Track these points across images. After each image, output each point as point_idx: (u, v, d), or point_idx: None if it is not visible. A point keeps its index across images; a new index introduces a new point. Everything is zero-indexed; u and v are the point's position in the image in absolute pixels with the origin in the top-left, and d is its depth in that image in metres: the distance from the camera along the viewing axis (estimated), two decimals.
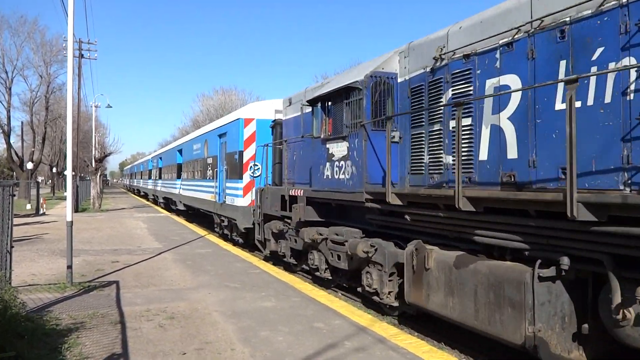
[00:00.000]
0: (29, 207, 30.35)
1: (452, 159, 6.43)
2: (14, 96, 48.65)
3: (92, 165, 32.90)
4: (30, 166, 46.87)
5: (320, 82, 10.75)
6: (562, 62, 5.08)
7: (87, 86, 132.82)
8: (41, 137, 52.12)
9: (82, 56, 34.77)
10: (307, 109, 10.27)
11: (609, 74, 4.58)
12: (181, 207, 25.68)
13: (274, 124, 13.33)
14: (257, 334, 6.03)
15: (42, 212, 26.94)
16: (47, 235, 16.54)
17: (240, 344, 5.64)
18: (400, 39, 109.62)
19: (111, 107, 38.56)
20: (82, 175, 40.55)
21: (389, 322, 7.31)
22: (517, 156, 5.56)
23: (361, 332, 6.15)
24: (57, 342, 5.52)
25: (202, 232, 18.70)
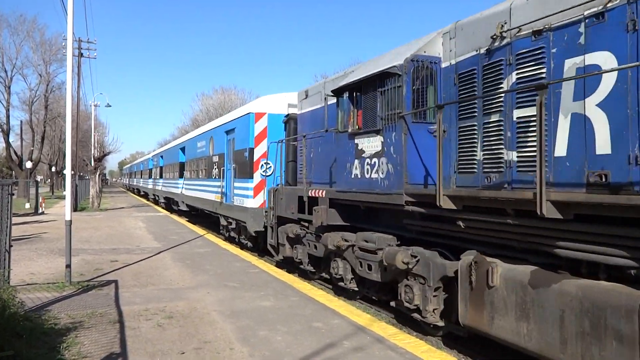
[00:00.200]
0: (27, 206, 30.26)
1: (515, 155, 5.39)
2: (13, 95, 48.42)
3: (91, 164, 32.78)
4: (29, 165, 46.58)
5: (342, 72, 9.80)
6: None
7: (87, 85, 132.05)
8: (40, 136, 51.76)
9: (81, 55, 34.48)
10: (331, 101, 9.18)
11: None
12: (183, 208, 24.55)
13: (287, 119, 12.24)
14: (255, 334, 5.97)
15: (41, 211, 26.62)
16: (45, 234, 16.30)
17: (238, 344, 5.59)
18: (400, 38, 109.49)
19: (110, 106, 38.51)
20: (81, 174, 40.44)
21: (387, 322, 7.20)
22: (611, 151, 4.49)
23: (360, 332, 6.08)
24: (55, 342, 5.46)
25: (201, 231, 18.34)
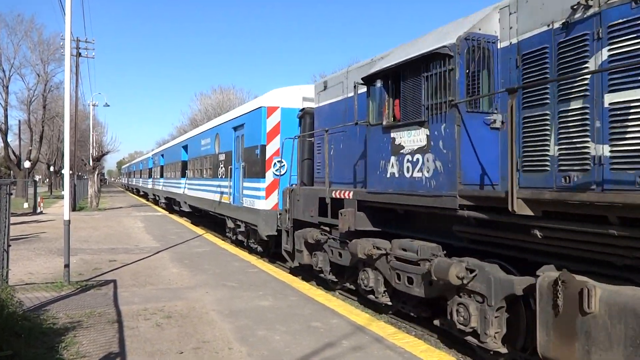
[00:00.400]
0: (26, 205, 29.88)
1: (608, 150, 4.47)
2: (11, 95, 48.28)
3: (89, 164, 32.64)
4: (27, 165, 46.14)
5: (369, 59, 8.70)
6: None
7: (85, 85, 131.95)
8: (38, 135, 51.11)
9: (79, 55, 34.11)
10: (359, 90, 8.10)
11: None
12: (186, 209, 23.17)
13: (303, 114, 11.17)
14: (254, 333, 5.87)
15: (39, 210, 26.07)
16: (44, 234, 15.94)
17: (237, 343, 5.51)
18: (400, 38, 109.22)
19: (109, 105, 38.17)
20: (80, 174, 40.33)
21: (386, 321, 7.09)
22: None
23: (359, 331, 5.98)
24: (54, 341, 5.38)
25: (199, 231, 17.92)
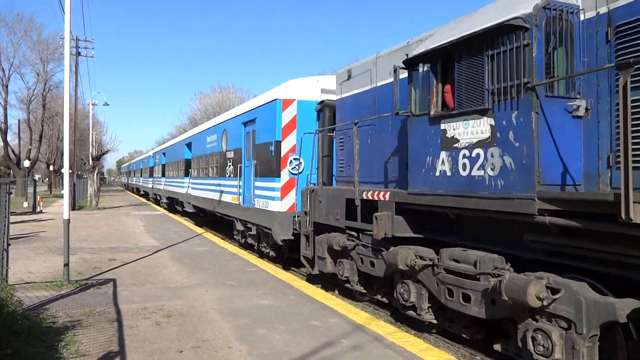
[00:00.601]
0: (25, 205, 29.62)
1: None
2: (10, 94, 48.20)
3: (89, 163, 32.57)
4: (27, 164, 45.79)
5: (404, 42, 7.48)
6: None
7: (85, 84, 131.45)
8: (38, 135, 50.56)
9: (79, 54, 33.96)
10: (401, 75, 6.90)
11: None
12: (189, 209, 21.93)
13: (322, 107, 10.16)
14: (254, 332, 5.82)
15: (39, 210, 25.51)
16: (44, 233, 15.74)
17: (237, 342, 5.45)
18: (400, 38, 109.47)
19: (108, 105, 37.86)
20: (80, 173, 40.27)
21: (385, 320, 7.02)
22: None
23: (358, 330, 5.92)
24: (53, 340, 5.35)
25: (199, 230, 17.73)
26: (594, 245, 4.33)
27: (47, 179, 67.54)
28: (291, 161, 10.78)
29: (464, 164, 5.54)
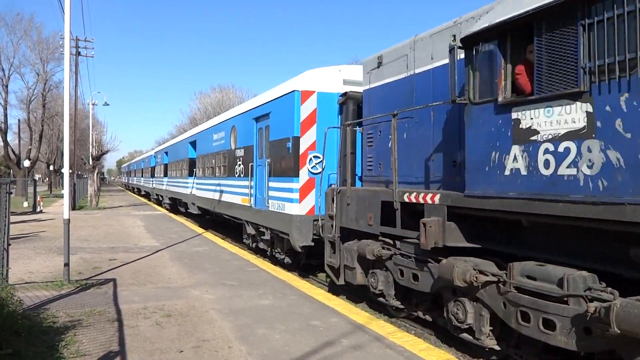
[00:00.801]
0: (26, 204, 29.72)
1: None
2: (10, 94, 48.25)
3: (89, 163, 32.59)
4: (27, 164, 45.78)
5: (451, 21, 6.57)
6: None
7: (85, 84, 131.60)
8: (38, 134, 50.56)
9: (79, 54, 34.02)
10: (440, 62, 6.35)
11: None
12: (194, 211, 20.93)
13: (345, 99, 9.24)
14: (254, 332, 5.81)
15: (39, 209, 25.64)
16: (44, 233, 15.78)
17: (237, 342, 5.45)
18: (400, 38, 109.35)
19: (108, 104, 37.85)
20: (80, 173, 40.27)
21: (386, 320, 6.97)
22: None
23: (358, 330, 5.91)
24: (54, 340, 5.35)
25: (199, 230, 17.71)
26: None
27: (47, 178, 67.58)
28: (311, 159, 9.90)
29: (547, 161, 4.57)
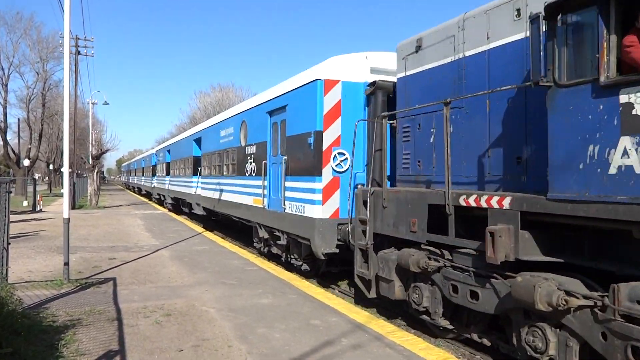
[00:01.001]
0: (25, 204, 29.65)
1: None
2: (10, 93, 48.06)
3: (89, 162, 32.64)
4: (27, 163, 45.70)
5: None
6: None
7: (84, 83, 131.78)
8: (38, 134, 50.47)
9: (78, 53, 34.06)
10: (502, 40, 5.68)
11: None
12: (199, 212, 19.83)
13: (373, 89, 8.15)
14: (254, 331, 5.81)
15: (39, 209, 25.56)
16: (43, 232, 15.74)
17: (237, 341, 5.45)
18: (400, 38, 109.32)
19: (108, 104, 37.98)
20: (79, 172, 40.30)
21: (385, 319, 6.96)
22: None
23: (358, 329, 5.91)
24: (53, 339, 5.34)
25: (199, 229, 17.73)
26: None
27: (47, 178, 67.56)
28: (335, 156, 8.86)
29: None
